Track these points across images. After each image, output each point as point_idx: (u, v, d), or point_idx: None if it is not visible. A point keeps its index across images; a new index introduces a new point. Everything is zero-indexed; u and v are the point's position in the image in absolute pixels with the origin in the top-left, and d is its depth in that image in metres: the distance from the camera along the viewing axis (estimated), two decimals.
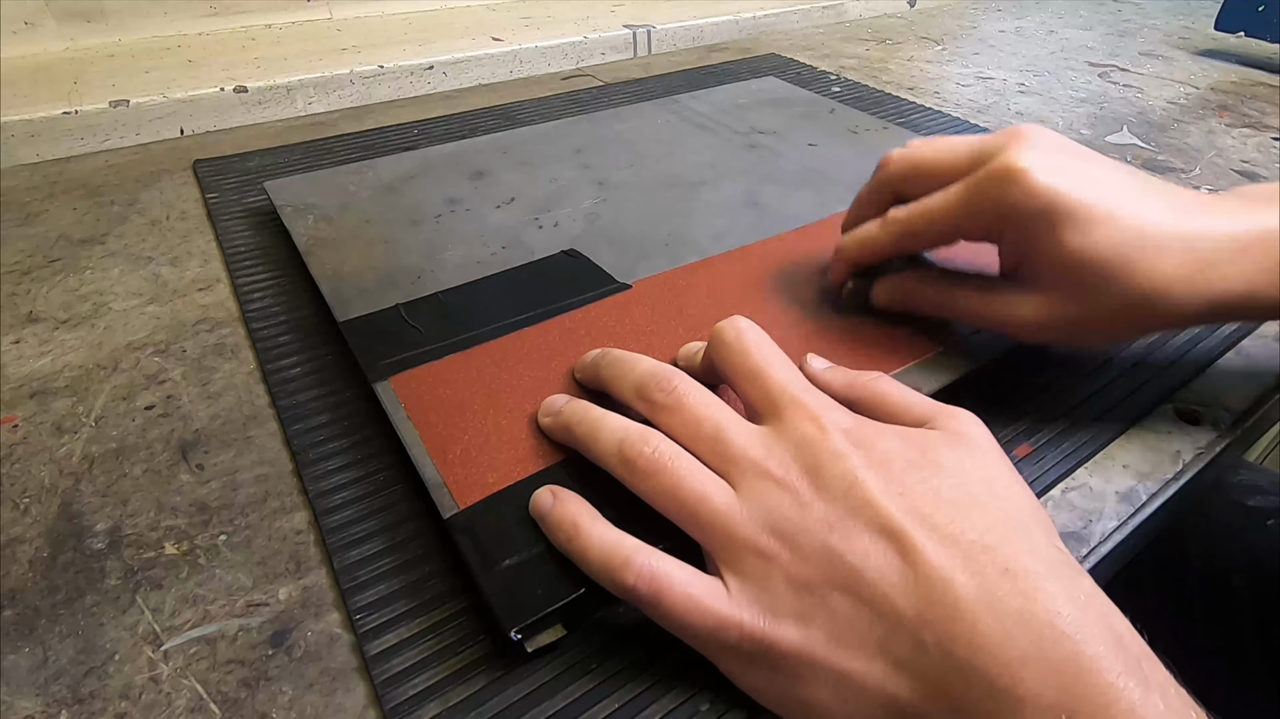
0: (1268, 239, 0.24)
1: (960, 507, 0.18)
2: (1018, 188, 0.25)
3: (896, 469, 0.19)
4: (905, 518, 0.18)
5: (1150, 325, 0.26)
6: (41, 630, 0.22)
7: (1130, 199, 0.25)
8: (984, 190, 0.26)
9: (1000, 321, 0.27)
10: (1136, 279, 0.24)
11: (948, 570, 0.17)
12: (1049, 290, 0.26)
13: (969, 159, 0.27)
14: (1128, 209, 0.24)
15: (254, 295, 0.35)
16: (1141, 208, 0.24)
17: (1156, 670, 0.16)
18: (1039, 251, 0.25)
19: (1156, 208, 0.25)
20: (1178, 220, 0.24)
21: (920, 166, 0.28)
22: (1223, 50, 0.77)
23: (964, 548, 0.17)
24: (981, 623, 0.16)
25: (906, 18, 0.88)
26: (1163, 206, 0.25)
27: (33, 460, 0.27)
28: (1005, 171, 0.25)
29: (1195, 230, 0.24)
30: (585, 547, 0.20)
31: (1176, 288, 0.24)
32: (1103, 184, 0.25)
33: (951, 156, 0.27)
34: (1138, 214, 0.24)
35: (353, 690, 0.20)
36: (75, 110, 0.50)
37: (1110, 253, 0.24)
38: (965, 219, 0.26)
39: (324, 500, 0.25)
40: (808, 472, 0.19)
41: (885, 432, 0.21)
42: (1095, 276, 0.24)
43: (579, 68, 0.68)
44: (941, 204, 0.27)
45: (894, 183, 0.29)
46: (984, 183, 0.26)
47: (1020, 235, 0.26)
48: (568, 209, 0.39)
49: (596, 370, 0.26)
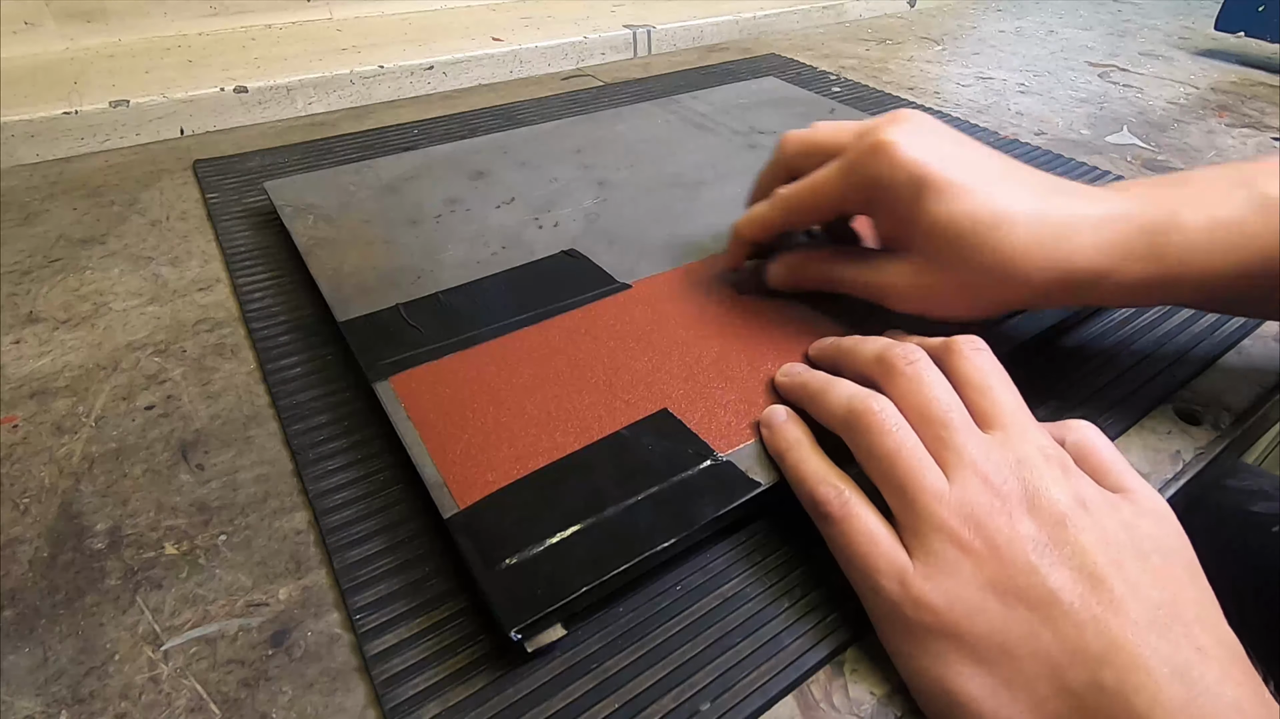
0: (1118, 219, 0.25)
1: (1159, 576, 0.19)
2: (885, 160, 0.26)
3: (1102, 518, 0.19)
4: (1109, 567, 0.18)
5: (1007, 296, 0.26)
6: (41, 630, 0.22)
7: (990, 177, 0.26)
8: (858, 164, 0.27)
9: (875, 287, 0.29)
10: (991, 248, 0.25)
11: (1143, 628, 0.17)
12: (915, 258, 0.27)
13: (853, 137, 0.28)
14: (986, 185, 0.26)
15: (254, 295, 0.35)
16: (1000, 185, 0.26)
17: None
18: (905, 221, 0.27)
19: (1014, 186, 0.26)
20: (1033, 198, 0.26)
21: (813, 145, 0.30)
22: (1223, 50, 0.77)
23: (1162, 616, 0.18)
24: (1169, 689, 0.16)
25: (906, 18, 0.88)
26: (1021, 186, 0.26)
27: (33, 460, 0.27)
28: (876, 145, 0.27)
29: (1048, 207, 0.26)
30: (802, 458, 0.23)
31: (1028, 259, 0.25)
32: (965, 161, 0.26)
33: (841, 136, 0.29)
34: (995, 190, 0.26)
35: (353, 690, 0.20)
36: (75, 110, 0.50)
37: (966, 222, 0.25)
38: (843, 192, 0.28)
39: (324, 500, 0.25)
40: (1023, 489, 0.20)
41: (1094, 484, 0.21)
42: (953, 244, 0.26)
43: (579, 68, 0.68)
44: (822, 179, 0.28)
45: (789, 161, 0.31)
46: (858, 157, 0.27)
47: (889, 206, 0.27)
48: (568, 209, 0.39)
49: (835, 346, 0.27)
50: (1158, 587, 0.18)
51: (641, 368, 0.28)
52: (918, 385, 0.22)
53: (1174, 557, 0.19)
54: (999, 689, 0.18)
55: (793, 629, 0.22)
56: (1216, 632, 0.18)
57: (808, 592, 0.23)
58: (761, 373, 0.28)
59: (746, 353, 0.29)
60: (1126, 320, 0.34)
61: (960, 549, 0.19)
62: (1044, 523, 0.19)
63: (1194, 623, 0.18)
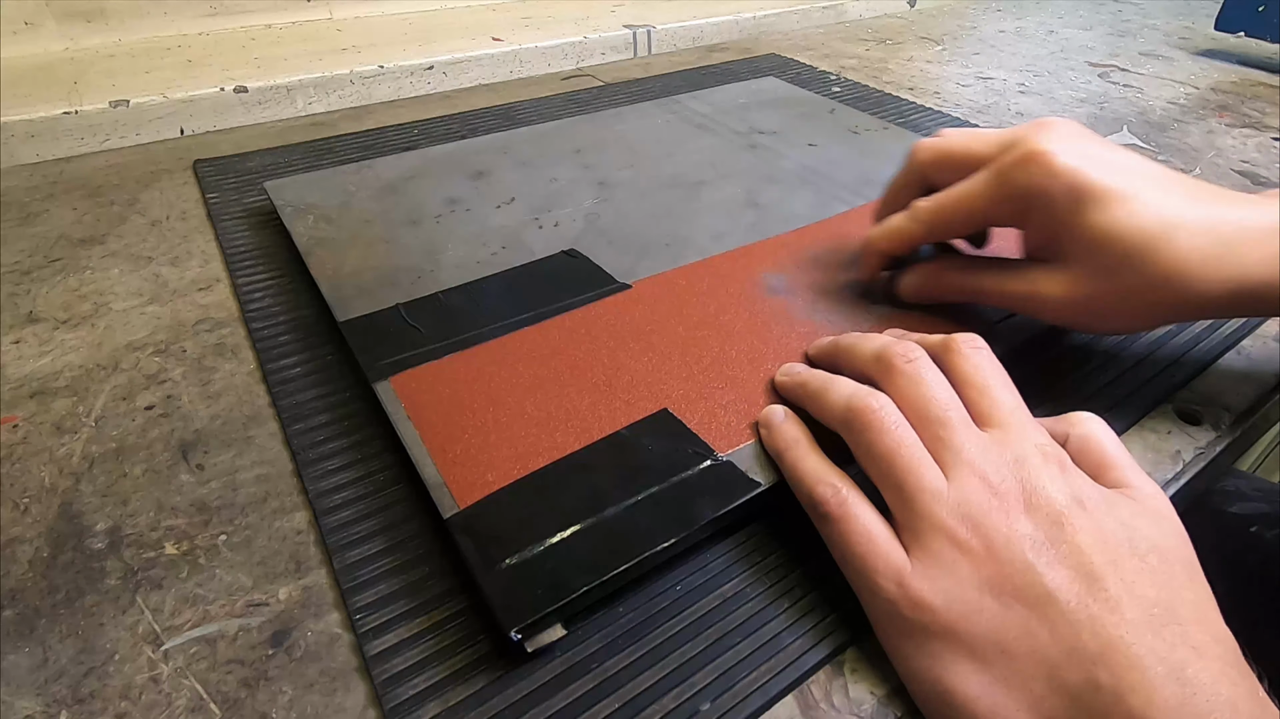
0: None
1: (1156, 575, 0.19)
2: (1042, 169, 0.26)
3: (1099, 516, 0.19)
4: (1106, 566, 0.18)
5: (1172, 308, 0.26)
6: (41, 630, 0.22)
7: (1152, 183, 0.25)
8: (1010, 174, 0.26)
9: (1027, 299, 0.28)
10: (1159, 258, 0.24)
11: (1139, 627, 0.17)
12: (1073, 268, 0.26)
13: (996, 146, 0.28)
14: (1150, 192, 0.25)
15: (254, 295, 0.35)
16: (1163, 192, 0.25)
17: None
18: (1064, 231, 0.26)
19: (1178, 193, 0.25)
20: (1199, 206, 0.25)
21: (949, 155, 0.29)
22: (1223, 50, 0.77)
23: (1158, 615, 0.18)
24: (1164, 688, 0.16)
25: (906, 18, 0.88)
26: (1185, 193, 0.25)
27: (33, 460, 0.27)
28: (1030, 155, 0.26)
29: (1217, 216, 0.25)
30: (800, 457, 0.23)
31: (1197, 270, 0.24)
32: (1126, 168, 0.26)
33: (980, 145, 0.28)
34: (1160, 197, 0.25)
35: (353, 690, 0.20)
36: (75, 110, 0.50)
37: (1133, 232, 0.25)
38: (993, 204, 0.27)
39: (324, 500, 0.25)
40: (1021, 488, 0.20)
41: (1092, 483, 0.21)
42: (1118, 254, 0.25)
43: (579, 68, 0.68)
44: (969, 190, 0.28)
45: (924, 171, 0.30)
46: (1010, 167, 0.26)
47: (1045, 216, 0.26)
48: (568, 209, 0.39)
49: (834, 345, 0.27)
50: (1154, 586, 0.18)
51: (641, 368, 0.28)
52: (916, 384, 0.22)
53: (1171, 555, 0.19)
54: (996, 687, 0.18)
55: (793, 629, 0.22)
56: (1213, 630, 0.18)
57: (808, 592, 0.23)
58: (761, 373, 0.28)
59: (746, 353, 0.29)
60: None
61: (958, 548, 0.19)
62: (1041, 522, 0.19)
63: (1190, 622, 0.18)
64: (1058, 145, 0.26)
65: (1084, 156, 0.26)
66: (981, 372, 0.23)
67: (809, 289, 0.33)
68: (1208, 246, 0.24)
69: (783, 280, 0.34)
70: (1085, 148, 0.26)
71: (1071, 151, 0.26)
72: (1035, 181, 0.26)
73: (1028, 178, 0.26)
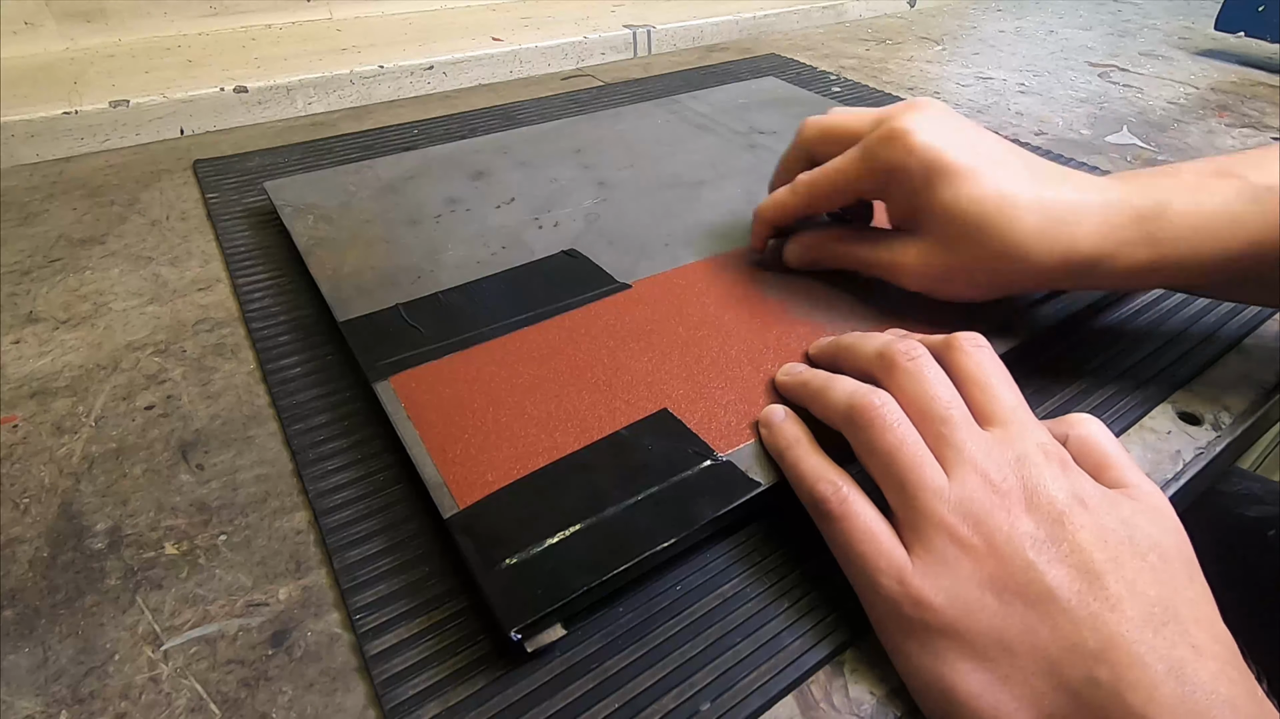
0: (1116, 206, 0.26)
1: (1156, 574, 0.19)
2: (901, 146, 0.28)
3: (1100, 515, 0.20)
4: (1107, 565, 0.18)
5: (1012, 279, 0.28)
6: (41, 630, 0.22)
7: (999, 164, 0.27)
8: (873, 150, 0.29)
9: (887, 266, 0.30)
10: (997, 232, 0.27)
11: (1139, 625, 0.17)
12: (926, 239, 0.29)
13: (870, 124, 0.30)
14: (994, 171, 0.27)
15: (254, 295, 0.35)
16: (1007, 172, 0.27)
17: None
18: (918, 204, 0.28)
19: (1020, 173, 0.27)
20: (1038, 185, 0.27)
21: (831, 131, 0.31)
22: (1223, 50, 0.77)
23: (1158, 614, 0.18)
24: (1164, 686, 0.16)
25: (906, 18, 0.88)
26: (1026, 172, 0.28)
27: (33, 460, 0.27)
28: (891, 132, 0.28)
29: (1052, 193, 0.27)
30: (801, 456, 0.23)
31: (1032, 243, 0.26)
32: (975, 148, 0.28)
33: (856, 122, 0.30)
34: (1003, 177, 0.27)
35: (353, 690, 0.20)
36: (75, 110, 0.50)
37: (975, 207, 0.27)
38: (859, 178, 0.29)
39: (324, 500, 0.25)
40: (1022, 487, 0.20)
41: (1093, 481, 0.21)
42: (962, 227, 0.27)
43: (579, 68, 0.68)
44: (839, 165, 0.30)
45: (809, 146, 0.32)
46: (874, 143, 0.29)
47: (903, 191, 0.29)
48: (568, 209, 0.39)
49: (835, 344, 0.27)
50: (1155, 584, 0.18)
51: (641, 368, 0.28)
52: (918, 382, 0.22)
53: (1171, 554, 0.19)
54: (996, 685, 0.18)
55: (793, 629, 0.22)
56: (1212, 629, 0.18)
57: (808, 592, 0.23)
58: (761, 373, 0.28)
59: (746, 353, 0.29)
60: (1127, 320, 0.34)
61: (959, 546, 0.19)
62: (1042, 520, 0.19)
63: (1189, 621, 0.18)
64: (917, 124, 0.28)
65: (940, 135, 0.28)
66: (984, 369, 0.23)
67: (809, 289, 0.33)
68: (1041, 222, 0.26)
69: (783, 280, 0.34)
70: (944, 127, 0.28)
71: (929, 130, 0.28)
72: (895, 157, 0.28)
73: (889, 154, 0.28)
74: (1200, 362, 0.32)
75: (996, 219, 0.27)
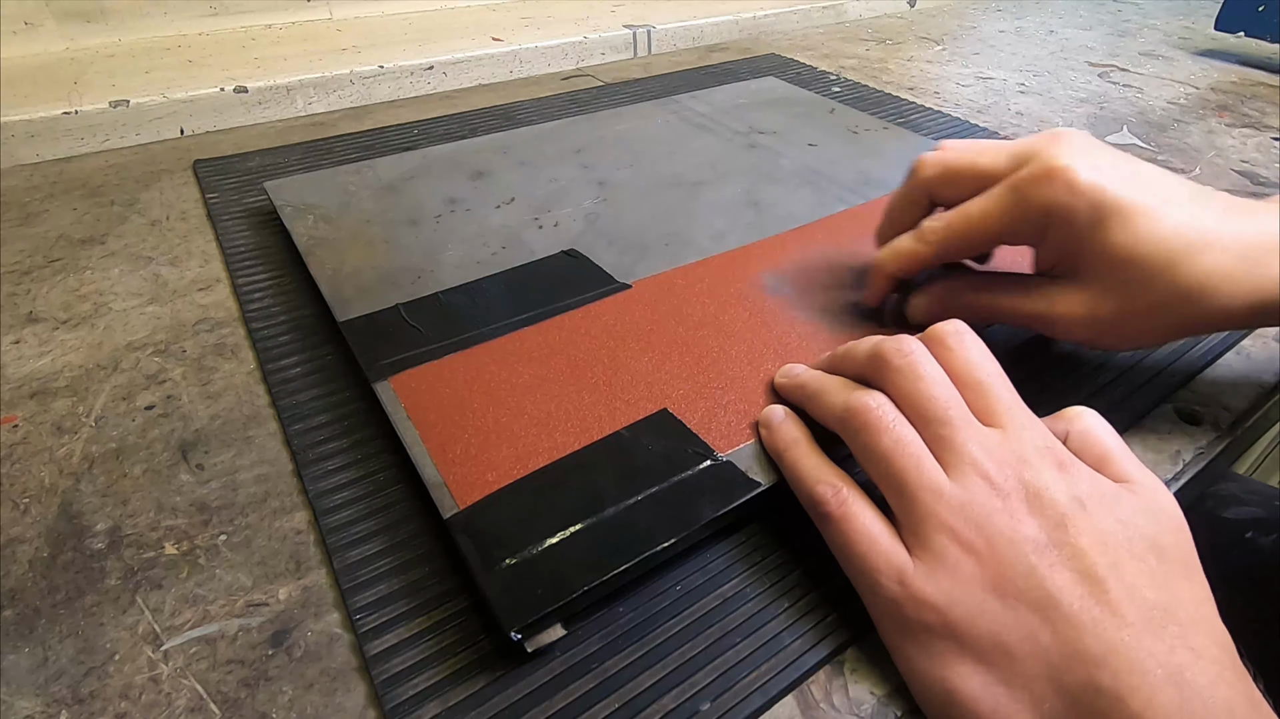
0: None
1: (1155, 576, 0.19)
2: (1062, 185, 0.25)
3: (1099, 517, 0.19)
4: (1108, 569, 0.18)
5: (1194, 324, 0.25)
6: (41, 630, 0.22)
7: (1173, 198, 0.25)
8: (1028, 192, 0.26)
9: (1042, 318, 0.27)
10: (1180, 274, 0.24)
11: (1139, 630, 0.17)
12: (1093, 286, 0.26)
13: (1007, 161, 0.27)
14: (1171, 207, 0.25)
15: (254, 295, 0.35)
16: (1184, 207, 0.25)
17: None
18: (1084, 248, 0.25)
19: (1199, 207, 0.25)
20: (1220, 220, 0.25)
21: (956, 171, 0.28)
22: (1223, 50, 0.77)
23: (1157, 618, 0.18)
24: (1164, 691, 0.16)
25: (906, 18, 0.88)
26: (1204, 207, 0.25)
27: (33, 460, 0.27)
28: (1048, 171, 0.25)
29: (1239, 230, 0.24)
30: (800, 457, 0.23)
31: (1220, 285, 0.24)
32: (1146, 182, 0.25)
33: (987, 160, 0.27)
34: (1181, 212, 0.24)
35: (353, 690, 0.20)
36: (75, 110, 0.50)
37: (1154, 248, 0.24)
38: (1010, 223, 0.26)
39: (324, 500, 0.25)
40: (1024, 489, 0.20)
41: (1095, 478, 0.21)
42: (1139, 271, 0.25)
43: (579, 68, 0.68)
44: (984, 210, 0.27)
45: (929, 188, 0.29)
46: (1027, 184, 0.26)
47: (1064, 234, 0.26)
48: (568, 209, 0.39)
49: (831, 355, 0.26)
50: (1154, 587, 0.18)
51: (641, 368, 0.28)
52: (914, 380, 0.22)
53: (1170, 554, 0.19)
54: (997, 688, 0.18)
55: (793, 629, 0.22)
56: (1211, 630, 0.18)
57: (808, 592, 0.23)
58: (761, 373, 0.28)
59: (746, 353, 0.29)
60: None
61: (961, 548, 0.19)
62: (1044, 523, 0.19)
63: (1189, 624, 0.18)
64: (1074, 159, 0.25)
65: (1102, 171, 0.25)
66: (978, 367, 0.22)
67: (809, 289, 0.33)
68: (1231, 261, 0.24)
69: (783, 280, 0.34)
70: (1103, 161, 0.25)
71: (1090, 166, 0.25)
72: (1057, 199, 0.25)
73: (1050, 195, 0.25)
74: (1200, 362, 0.32)
75: (1181, 259, 0.24)
